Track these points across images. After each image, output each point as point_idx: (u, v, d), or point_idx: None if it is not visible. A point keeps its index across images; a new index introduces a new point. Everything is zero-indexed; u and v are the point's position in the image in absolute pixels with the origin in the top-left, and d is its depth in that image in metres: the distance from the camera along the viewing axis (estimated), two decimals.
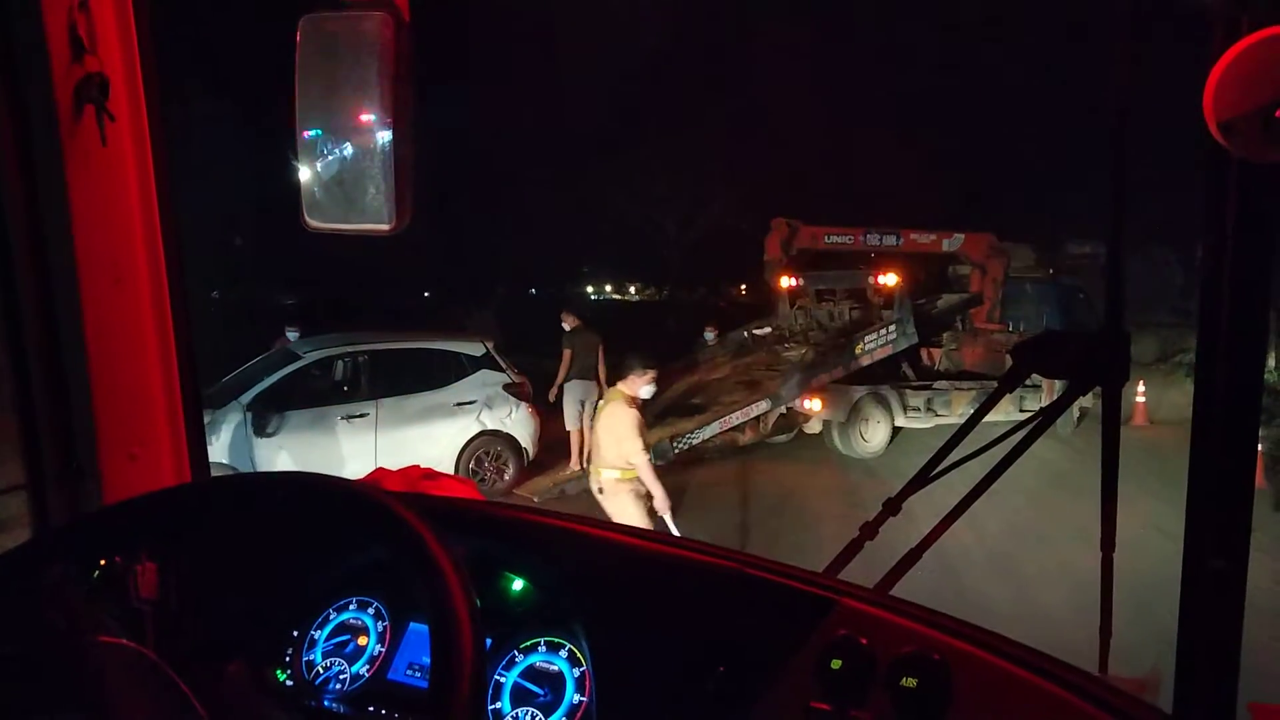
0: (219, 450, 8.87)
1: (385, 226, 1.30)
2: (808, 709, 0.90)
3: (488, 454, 10.35)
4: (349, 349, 10.22)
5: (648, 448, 6.03)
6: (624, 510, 5.97)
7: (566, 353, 11.16)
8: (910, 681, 0.88)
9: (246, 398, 9.16)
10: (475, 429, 10.25)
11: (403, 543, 0.87)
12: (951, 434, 1.59)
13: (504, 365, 10.69)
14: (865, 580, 1.36)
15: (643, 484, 5.98)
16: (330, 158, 1.35)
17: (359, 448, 9.61)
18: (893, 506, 1.52)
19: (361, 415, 9.70)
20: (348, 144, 1.33)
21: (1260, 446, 10.04)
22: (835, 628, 0.96)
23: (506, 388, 10.51)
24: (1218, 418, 1.29)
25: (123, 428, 1.54)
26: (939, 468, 1.54)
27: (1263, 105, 1.11)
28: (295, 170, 1.35)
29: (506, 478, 10.35)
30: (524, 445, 10.54)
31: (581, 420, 10.77)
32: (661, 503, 5.96)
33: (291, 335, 11.27)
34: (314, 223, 1.37)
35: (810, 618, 0.98)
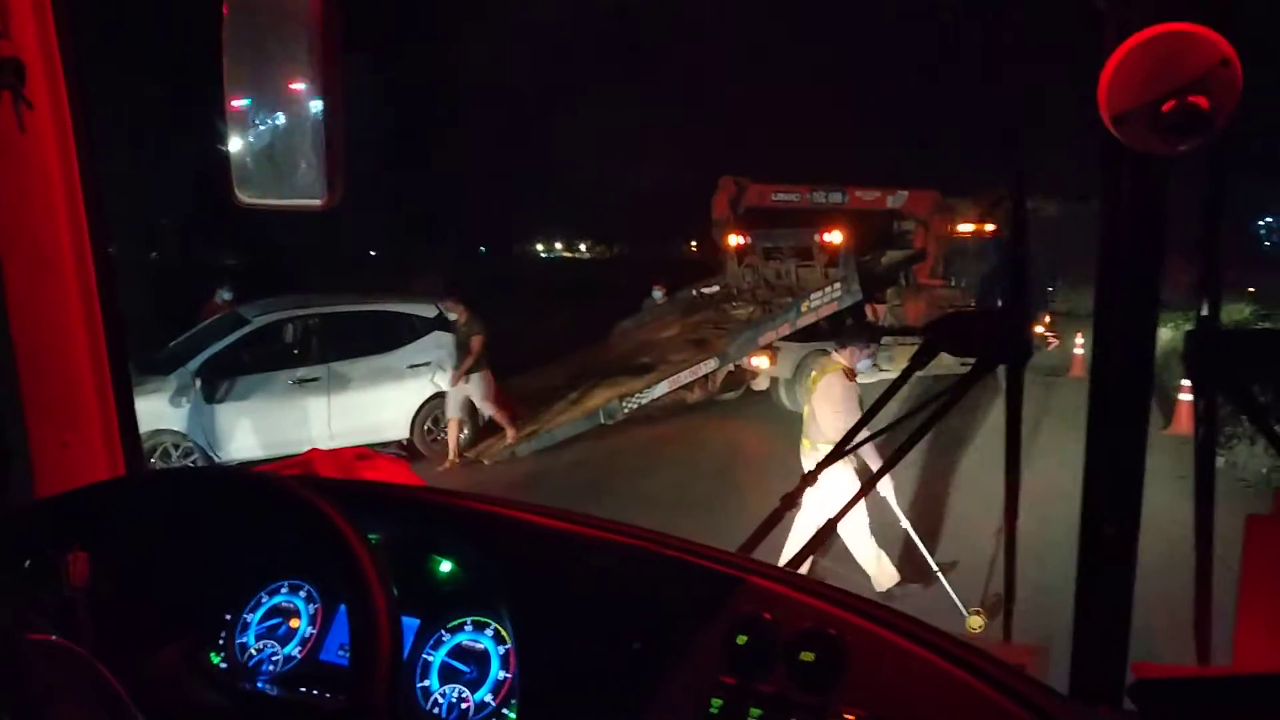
0: (169, 418, 8.79)
1: (317, 202, 1.30)
2: (716, 682, 0.96)
3: (443, 415, 10.26)
4: (299, 312, 10.06)
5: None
6: (839, 487, 4.94)
7: (477, 339, 9.90)
8: (808, 655, 0.94)
9: (195, 363, 9.04)
10: (429, 391, 10.19)
11: (319, 532, 0.91)
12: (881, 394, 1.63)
13: None
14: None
15: (859, 460, 5.35)
16: (261, 128, 1.34)
17: (312, 412, 9.54)
18: (811, 478, 1.57)
19: (313, 379, 9.60)
20: (279, 115, 1.32)
21: (1191, 397, 10.41)
22: (742, 605, 1.01)
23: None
24: (1111, 391, 1.36)
25: (53, 414, 1.54)
26: (855, 440, 1.60)
27: (1151, 100, 1.16)
28: (226, 139, 1.34)
29: (462, 438, 10.29)
30: (478, 406, 10.45)
31: (461, 410, 10.06)
32: (885, 483, 5.33)
33: (224, 297, 11.04)
34: (245, 198, 1.36)
35: (720, 595, 1.03)
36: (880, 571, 5.66)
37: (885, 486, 5.36)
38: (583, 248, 51.05)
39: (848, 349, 5.71)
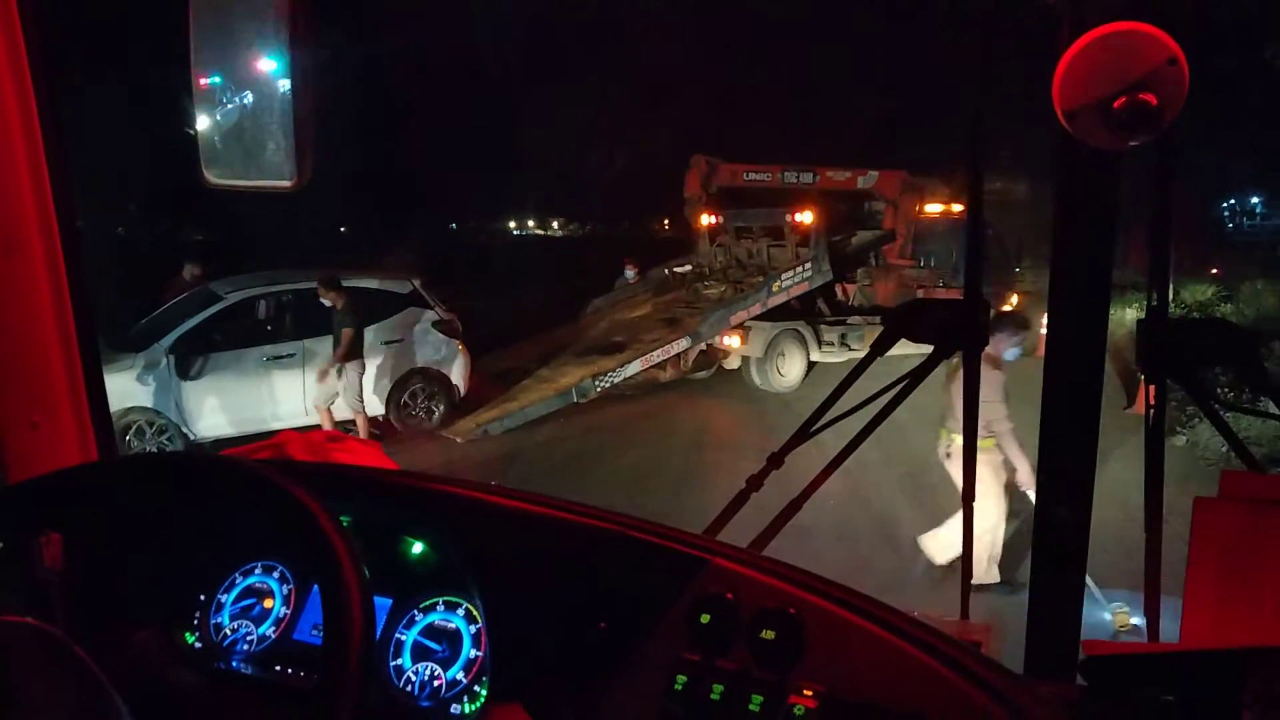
0: (142, 395, 8.72)
1: (286, 183, 1.29)
2: (680, 660, 0.99)
3: (419, 393, 10.28)
4: (272, 289, 9.98)
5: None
6: (979, 480, 4.85)
7: (348, 332, 9.33)
8: (769, 634, 0.97)
9: (168, 341, 8.97)
10: (405, 367, 10.18)
11: (290, 515, 0.93)
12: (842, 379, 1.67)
13: (432, 302, 10.57)
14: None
15: (1001, 452, 5.30)
16: (229, 107, 1.33)
17: (287, 388, 9.51)
18: (776, 460, 1.61)
19: (288, 355, 9.56)
20: (248, 94, 1.32)
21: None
22: (706, 585, 1.04)
23: (436, 325, 10.42)
24: (1064, 379, 1.41)
25: (22, 397, 1.54)
26: (820, 422, 1.64)
27: (1103, 96, 1.20)
28: (194, 118, 1.33)
29: (438, 415, 10.32)
30: (455, 382, 10.50)
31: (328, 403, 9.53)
32: (1026, 476, 5.22)
33: (193, 272, 10.91)
34: (213, 178, 1.35)
35: (684, 576, 1.06)
36: (988, 570, 5.52)
37: (1028, 478, 5.19)
38: (555, 225, 50.80)
39: (996, 335, 5.41)
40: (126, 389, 8.53)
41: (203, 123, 1.33)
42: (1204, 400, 1.46)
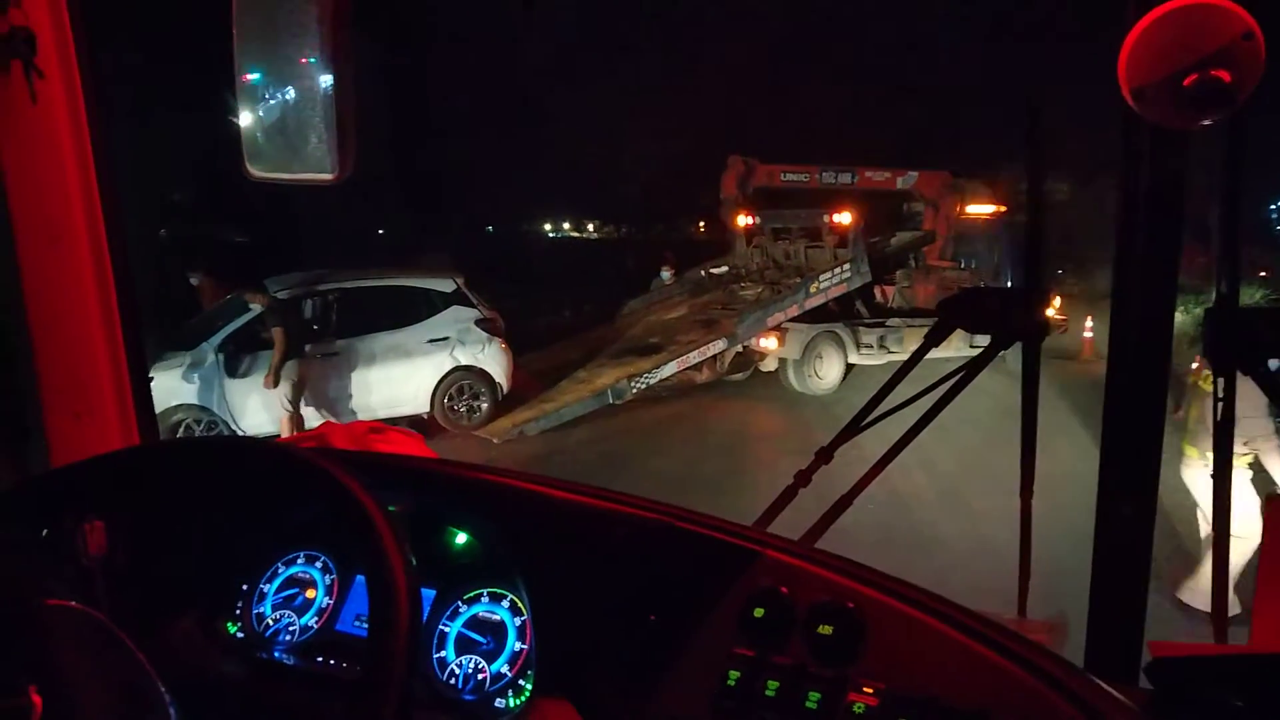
0: (191, 392, 8.86)
1: (328, 176, 1.30)
2: (733, 655, 0.96)
3: (462, 390, 10.38)
4: (319, 288, 10.13)
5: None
6: (1236, 498, 4.10)
7: (277, 331, 8.98)
8: (826, 629, 0.94)
9: (216, 339, 9.11)
10: (449, 365, 10.26)
11: (338, 503, 0.91)
12: (890, 376, 1.63)
13: (475, 301, 10.65)
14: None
15: (1262, 467, 4.87)
16: (271, 102, 1.34)
17: (333, 387, 9.64)
18: (825, 455, 1.57)
19: (335, 354, 9.69)
20: (290, 89, 1.32)
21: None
22: (759, 578, 1.01)
23: (478, 323, 10.49)
24: (1128, 371, 1.36)
25: (67, 387, 1.54)
26: (870, 417, 1.60)
27: (1173, 73, 1.15)
28: (237, 113, 1.34)
29: (482, 413, 10.39)
30: (498, 380, 10.57)
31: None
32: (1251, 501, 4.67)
33: (193, 280, 10.99)
34: (256, 171, 1.36)
35: (736, 569, 1.03)
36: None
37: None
38: (590, 228, 50.88)
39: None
40: (175, 386, 8.68)
41: (246, 118, 1.34)
42: (1277, 394, 1.40)
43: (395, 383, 9.92)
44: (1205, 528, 5.08)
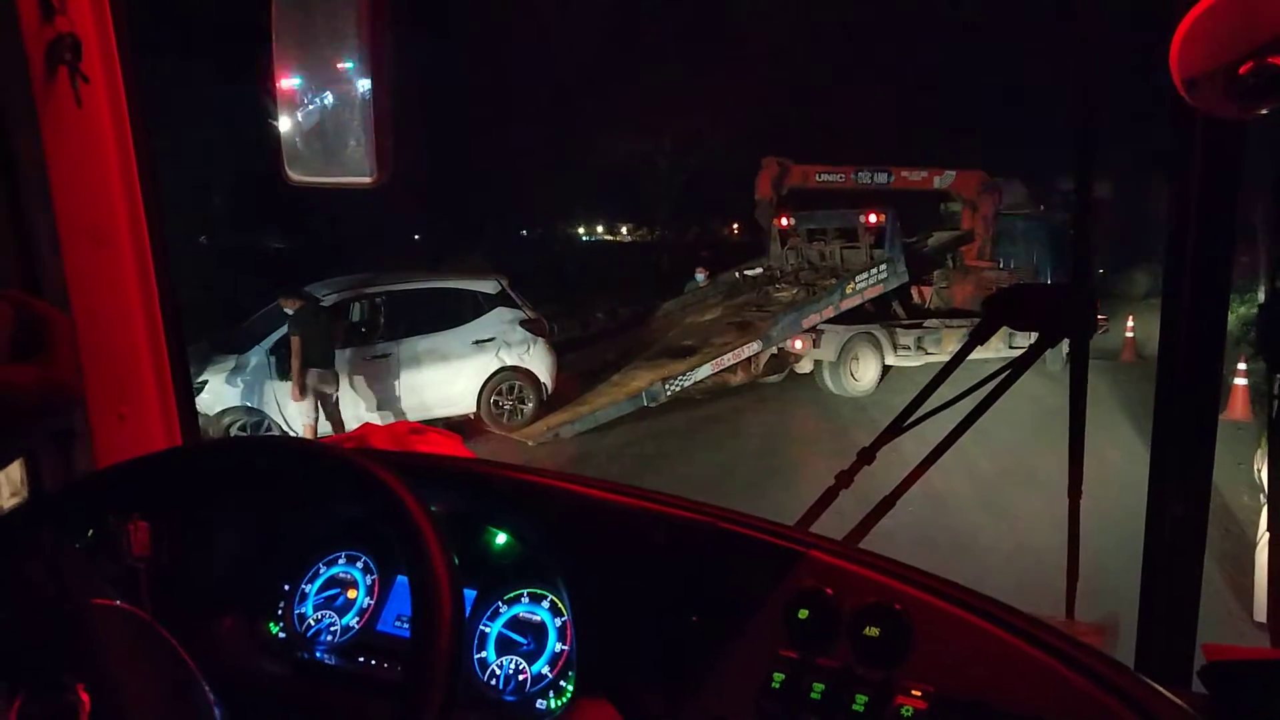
0: (242, 394, 9.03)
1: (366, 180, 1.30)
2: (777, 657, 0.94)
3: (508, 390, 10.49)
4: (367, 290, 10.30)
5: None
6: None
7: (295, 339, 8.82)
8: (873, 630, 0.92)
9: (268, 342, 9.26)
10: (495, 365, 10.39)
11: (381, 503, 0.90)
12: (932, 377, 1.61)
13: (520, 302, 10.78)
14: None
15: None
16: (310, 107, 1.35)
17: (382, 388, 9.78)
18: (867, 456, 1.55)
19: (383, 356, 9.84)
20: (327, 94, 1.33)
21: (1246, 381, 10.13)
22: (803, 579, 0.99)
23: (523, 324, 10.62)
24: (1180, 369, 1.32)
25: (111, 389, 1.56)
26: (913, 417, 1.57)
27: (1227, 62, 1.12)
28: (276, 120, 1.35)
29: (527, 413, 10.50)
30: (543, 380, 10.68)
31: (318, 415, 9.12)
32: None
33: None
34: (295, 175, 1.37)
35: (779, 569, 1.01)
36: None
37: None
38: (624, 230, 50.88)
39: None
40: (228, 390, 8.86)
41: (284, 123, 1.34)
42: None
43: (443, 384, 10.05)
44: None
